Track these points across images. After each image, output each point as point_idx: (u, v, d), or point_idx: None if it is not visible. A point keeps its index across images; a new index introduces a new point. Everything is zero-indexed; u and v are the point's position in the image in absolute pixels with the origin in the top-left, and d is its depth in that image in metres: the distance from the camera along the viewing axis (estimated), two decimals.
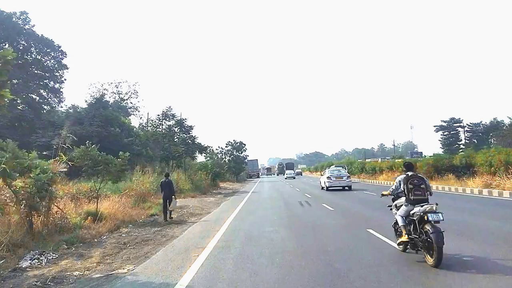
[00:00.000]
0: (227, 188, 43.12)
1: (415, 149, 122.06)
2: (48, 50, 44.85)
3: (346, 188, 29.87)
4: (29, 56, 43.73)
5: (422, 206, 6.77)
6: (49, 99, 45.00)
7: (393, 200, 8.36)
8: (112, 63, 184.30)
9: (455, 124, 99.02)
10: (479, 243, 8.34)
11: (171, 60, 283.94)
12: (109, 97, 64.68)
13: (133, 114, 63.55)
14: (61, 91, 45.72)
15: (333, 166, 44.44)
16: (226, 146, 69.18)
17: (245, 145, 70.24)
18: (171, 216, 15.71)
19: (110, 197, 18.07)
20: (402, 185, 7.41)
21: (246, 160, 76.70)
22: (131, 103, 66.15)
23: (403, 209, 7.34)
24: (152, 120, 39.46)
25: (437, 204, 6.71)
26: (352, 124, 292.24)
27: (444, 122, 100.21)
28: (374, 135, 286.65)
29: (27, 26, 43.29)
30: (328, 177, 30.43)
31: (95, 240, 11.00)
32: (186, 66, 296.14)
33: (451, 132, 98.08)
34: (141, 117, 48.78)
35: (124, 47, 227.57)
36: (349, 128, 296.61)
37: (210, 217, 16.00)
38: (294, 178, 71.05)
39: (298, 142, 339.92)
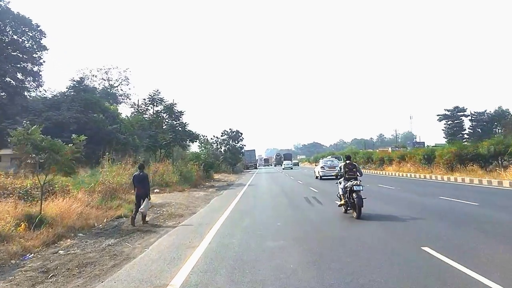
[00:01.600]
0: (222, 180, 39.46)
1: (414, 139, 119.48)
2: (25, 30, 40.78)
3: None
4: (4, 36, 39.64)
5: (351, 181, 11.21)
6: (26, 83, 41.03)
7: (338, 178, 12.64)
8: (102, 48, 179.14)
9: (459, 113, 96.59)
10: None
11: (165, 46, 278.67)
12: (98, 84, 60.83)
13: (124, 102, 59.71)
14: (40, 74, 41.79)
15: (329, 156, 47.19)
16: (221, 135, 65.30)
17: (241, 134, 66.33)
18: (146, 220, 12.06)
19: (73, 194, 14.52)
20: (342, 170, 11.99)
21: (243, 151, 72.85)
22: (122, 90, 62.23)
23: (342, 183, 11.77)
24: (137, 105, 35.56)
25: (360, 181, 11.28)
26: (351, 114, 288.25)
27: (448, 111, 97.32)
28: (373, 125, 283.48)
29: (1, 3, 39.16)
30: (322, 167, 32.54)
31: (12, 262, 7.34)
32: (181, 53, 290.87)
33: (455, 122, 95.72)
34: (131, 106, 44.94)
35: (115, 31, 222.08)
36: (347, 118, 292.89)
37: (193, 220, 12.32)
38: (291, 168, 72.04)
39: (296, 132, 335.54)
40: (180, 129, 32.83)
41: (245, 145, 68.98)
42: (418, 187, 21.61)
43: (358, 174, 11.63)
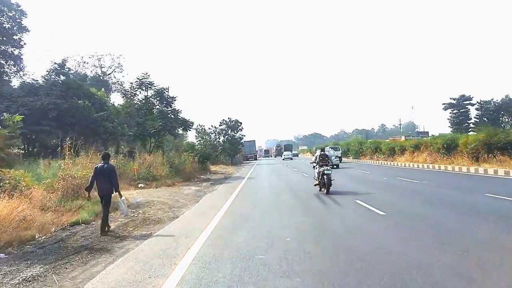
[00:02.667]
0: (219, 172, 36.35)
1: (416, 130, 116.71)
2: (3, 9, 37.34)
3: (334, 166, 31.17)
4: None
5: (324, 167, 14.73)
6: (6, 68, 37.68)
7: (313, 164, 16.38)
8: (95, 34, 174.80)
9: (465, 102, 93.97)
10: None
11: (162, 34, 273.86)
12: (91, 71, 57.51)
13: (118, 91, 56.28)
14: (21, 58, 38.40)
15: (328, 147, 47.53)
16: (220, 125, 61.88)
17: (241, 123, 62.81)
18: (108, 229, 8.96)
19: (30, 192, 11.54)
20: (317, 158, 15.60)
21: (242, 141, 69.56)
22: (115, 77, 58.49)
23: (317, 168, 15.45)
24: (125, 90, 32.24)
25: (330, 167, 15.19)
26: (352, 105, 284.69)
27: (454, 99, 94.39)
28: (374, 116, 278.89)
29: None
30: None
31: None
32: (179, 42, 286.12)
33: (461, 110, 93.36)
34: (120, 91, 41.57)
35: (109, 15, 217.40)
36: (348, 109, 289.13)
37: (170, 229, 9.15)
38: (291, 159, 72.37)
39: (296, 123, 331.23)
40: (172, 116, 29.63)
41: (244, 135, 65.60)
42: (451, 180, 18.47)
43: (329, 162, 15.80)
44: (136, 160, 22.20)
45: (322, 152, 15.73)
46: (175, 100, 29.59)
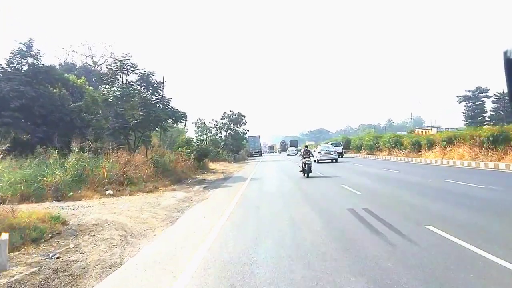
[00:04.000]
0: (218, 171, 31.55)
1: (423, 124, 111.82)
2: None
3: (333, 160, 35.33)
4: None
5: (306, 158, 20.46)
6: None
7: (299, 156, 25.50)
8: (86, 20, 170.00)
9: (481, 94, 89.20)
10: None
11: (165, 27, 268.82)
12: (82, 61, 52.82)
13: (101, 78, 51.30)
14: None
15: (329, 143, 52.54)
16: (221, 119, 56.87)
17: (244, 117, 57.56)
18: None
19: None
20: (302, 153, 21.47)
21: (246, 136, 64.62)
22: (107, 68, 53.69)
23: (301, 160, 20.93)
24: (102, 74, 27.21)
25: (310, 157, 20.94)
26: (357, 100, 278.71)
27: (469, 91, 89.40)
28: (380, 111, 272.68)
29: None
30: (319, 152, 36.23)
31: None
32: (180, 31, 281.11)
33: (476, 103, 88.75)
34: (102, 80, 36.56)
35: (107, 4, 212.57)
36: (354, 104, 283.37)
37: None
38: (295, 154, 70.93)
39: (301, 119, 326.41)
40: (160, 105, 24.82)
41: (248, 130, 60.46)
42: None
43: (311, 155, 22.04)
44: (106, 159, 17.37)
45: (305, 149, 21.92)
46: (163, 86, 24.78)
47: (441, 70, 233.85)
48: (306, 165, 20.23)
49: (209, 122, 56.62)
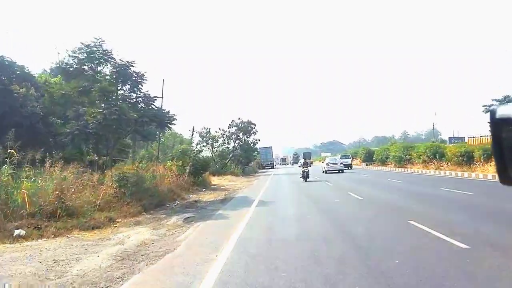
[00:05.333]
0: (220, 188, 25.53)
1: (439, 136, 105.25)
2: None
3: (340, 171, 38.47)
4: None
5: (305, 167, 27.86)
6: None
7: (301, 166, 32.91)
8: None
9: (510, 103, 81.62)
10: None
11: (172, 37, 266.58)
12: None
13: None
14: None
15: (340, 155, 57.18)
16: (229, 127, 50.50)
17: (254, 125, 50.67)
18: None
19: None
20: (303, 162, 30.45)
21: (256, 147, 58.05)
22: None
23: (301, 169, 29.04)
24: (65, 65, 21.17)
25: (308, 166, 28.30)
26: (371, 111, 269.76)
27: (497, 101, 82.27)
28: (394, 122, 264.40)
29: None
30: (327, 164, 40.11)
31: None
32: (188, 41, 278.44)
33: None
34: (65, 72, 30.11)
35: (112, 13, 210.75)
36: (367, 115, 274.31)
37: None
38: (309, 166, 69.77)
39: (314, 131, 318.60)
40: (142, 105, 19.07)
41: (259, 140, 53.59)
42: None
43: (309, 165, 30.16)
44: (43, 177, 11.45)
45: (304, 161, 30.86)
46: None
47: (458, 79, 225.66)
48: (305, 173, 27.35)
49: (216, 132, 50.51)
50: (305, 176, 26.89)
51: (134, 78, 18.85)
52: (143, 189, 15.76)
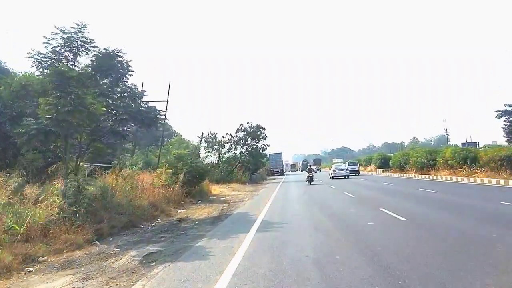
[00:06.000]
0: (219, 199, 21.75)
1: (448, 142, 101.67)
2: None
3: (345, 177, 41.21)
4: None
5: (310, 173, 33.13)
6: None
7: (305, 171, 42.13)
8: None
9: None
10: None
11: (180, 40, 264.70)
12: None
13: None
14: None
15: (347, 162, 60.22)
16: (236, 132, 46.53)
17: (264, 129, 46.51)
18: None
19: None
20: (308, 168, 36.15)
21: (265, 152, 53.67)
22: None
23: (306, 174, 34.28)
24: (37, 54, 17.50)
25: (314, 172, 37.05)
26: (380, 118, 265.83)
27: (510, 106, 77.64)
28: (404, 129, 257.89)
29: None
30: (333, 170, 43.57)
31: None
32: (197, 45, 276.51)
33: None
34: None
35: (116, 15, 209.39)
36: (376, 122, 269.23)
37: None
38: (315, 172, 73.06)
39: (323, 138, 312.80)
40: (128, 101, 15.49)
41: (268, 145, 49.27)
42: None
43: (314, 171, 39.65)
44: None
45: (309, 167, 36.64)
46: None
47: (468, 85, 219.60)
48: (309, 177, 32.11)
49: (223, 137, 46.62)
50: (310, 180, 31.99)
51: (119, 70, 15.24)
52: (111, 206, 12.03)
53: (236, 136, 46.31)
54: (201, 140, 46.30)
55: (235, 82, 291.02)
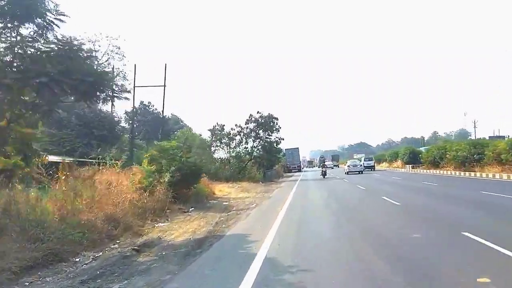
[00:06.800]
0: (220, 204, 17.11)
1: (469, 137, 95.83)
2: None
3: (360, 172, 44.78)
4: None
5: (323, 168, 41.35)
6: None
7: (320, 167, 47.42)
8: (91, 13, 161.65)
9: None
10: None
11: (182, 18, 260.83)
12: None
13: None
14: None
15: (363, 158, 65.06)
16: (246, 123, 41.38)
17: (277, 119, 40.72)
18: None
19: None
20: (322, 164, 46.15)
21: (280, 147, 48.16)
22: (118, 68, 38.45)
23: (321, 169, 41.71)
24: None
25: (326, 168, 41.75)
26: (399, 112, 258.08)
27: None
28: (423, 124, 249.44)
29: None
30: (348, 166, 48.30)
31: None
32: (209, 39, 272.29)
33: None
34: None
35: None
36: (395, 117, 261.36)
37: None
38: (332, 168, 77.21)
39: (341, 133, 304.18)
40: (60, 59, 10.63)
41: (282, 139, 43.95)
42: None
43: (326, 166, 44.20)
44: None
45: (323, 163, 45.82)
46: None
47: (489, 78, 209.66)
48: (323, 171, 39.17)
49: (231, 129, 41.53)
50: (323, 174, 38.63)
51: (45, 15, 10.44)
52: (32, 226, 7.47)
53: (247, 127, 41.08)
54: (212, 135, 41.62)
55: (236, 82, 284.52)
